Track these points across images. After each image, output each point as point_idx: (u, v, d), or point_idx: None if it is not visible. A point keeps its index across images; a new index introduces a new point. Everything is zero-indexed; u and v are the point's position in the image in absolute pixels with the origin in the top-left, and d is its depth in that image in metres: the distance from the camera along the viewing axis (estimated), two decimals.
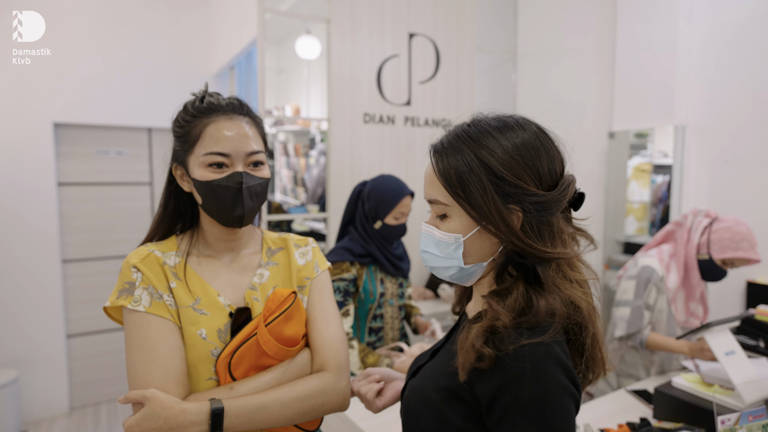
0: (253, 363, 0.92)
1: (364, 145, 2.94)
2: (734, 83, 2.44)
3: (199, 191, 0.95)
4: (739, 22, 2.41)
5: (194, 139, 0.94)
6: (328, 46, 2.82)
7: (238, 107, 0.98)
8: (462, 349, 0.70)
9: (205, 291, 0.95)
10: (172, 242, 1.01)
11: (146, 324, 0.89)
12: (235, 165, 0.94)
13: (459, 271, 0.76)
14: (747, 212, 2.31)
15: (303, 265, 1.07)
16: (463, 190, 0.72)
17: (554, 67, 3.35)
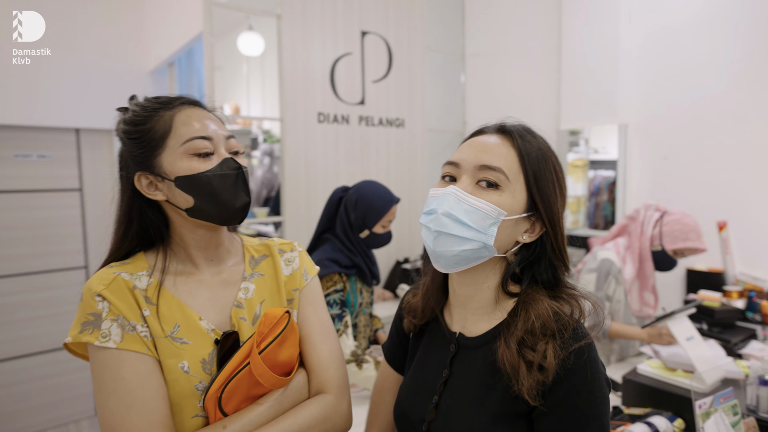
0: (245, 395, 0.81)
1: (319, 146, 2.85)
2: (670, 84, 2.62)
3: (187, 189, 0.81)
4: (674, 26, 2.58)
5: (162, 134, 0.82)
6: (278, 43, 2.71)
7: (196, 101, 0.89)
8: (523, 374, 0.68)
9: (184, 315, 0.83)
10: (141, 261, 0.86)
11: (119, 362, 0.76)
12: (218, 151, 0.84)
13: (476, 250, 0.72)
14: (683, 205, 2.48)
15: (290, 276, 0.95)
16: (538, 176, 0.74)
17: (502, 67, 3.43)
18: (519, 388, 0.67)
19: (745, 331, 2.13)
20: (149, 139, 0.83)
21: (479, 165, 0.73)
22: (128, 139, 0.84)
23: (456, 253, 0.72)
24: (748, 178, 2.37)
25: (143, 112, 0.84)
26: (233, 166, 0.83)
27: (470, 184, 0.73)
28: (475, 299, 0.78)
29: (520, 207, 0.73)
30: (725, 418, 1.24)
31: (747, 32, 2.34)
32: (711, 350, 1.78)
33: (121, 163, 0.87)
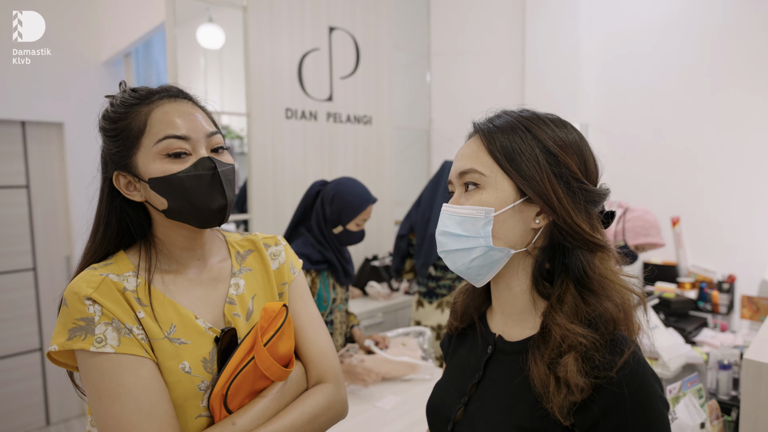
0: (249, 390, 0.81)
1: (286, 142, 2.81)
2: (627, 86, 2.75)
3: (161, 191, 0.77)
4: (631, 32, 2.71)
5: (138, 131, 0.78)
6: (244, 36, 2.64)
7: (179, 91, 0.83)
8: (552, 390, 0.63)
9: (179, 315, 0.80)
10: (124, 260, 0.82)
11: (119, 367, 0.72)
12: (197, 150, 0.79)
13: (484, 255, 0.69)
14: (640, 202, 2.61)
15: (277, 269, 0.96)
16: (512, 158, 0.69)
17: (467, 66, 3.49)
18: (550, 406, 0.63)
19: (697, 320, 2.27)
20: (124, 137, 0.78)
21: (458, 174, 0.73)
22: (105, 137, 0.81)
23: (468, 265, 0.71)
24: (699, 176, 2.52)
25: (120, 108, 0.79)
26: (208, 166, 0.78)
27: (459, 194, 0.73)
28: (512, 304, 0.75)
29: (510, 196, 0.69)
30: (694, 400, 1.32)
31: (697, 39, 2.49)
32: (672, 338, 1.89)
33: (102, 159, 0.83)
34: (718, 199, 2.46)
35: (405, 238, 2.57)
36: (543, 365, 0.65)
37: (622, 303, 0.67)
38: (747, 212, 2.37)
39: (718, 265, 2.47)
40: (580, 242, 0.68)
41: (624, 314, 0.66)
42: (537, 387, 0.65)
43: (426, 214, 2.46)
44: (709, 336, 2.12)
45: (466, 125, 0.80)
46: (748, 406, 1.25)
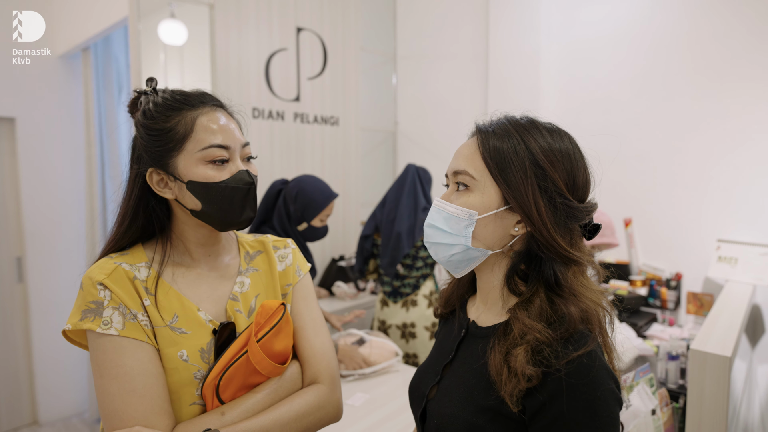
0: (242, 383, 0.84)
1: (253, 142, 2.78)
2: (583, 93, 2.88)
3: (198, 194, 0.83)
4: (587, 42, 2.84)
5: (182, 136, 0.83)
6: (211, 34, 2.61)
7: (216, 99, 0.90)
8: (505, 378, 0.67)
9: (182, 306, 0.85)
10: (140, 253, 0.88)
11: (121, 349, 0.77)
12: (234, 159, 0.86)
13: (462, 252, 0.75)
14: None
15: (283, 271, 0.99)
16: (502, 167, 0.72)
17: (432, 70, 3.56)
18: (502, 393, 0.67)
19: (647, 315, 2.41)
20: (168, 139, 0.83)
21: (453, 171, 0.77)
22: (146, 134, 0.84)
23: (449, 259, 0.77)
24: (650, 180, 2.67)
25: (165, 109, 0.84)
26: (246, 180, 0.85)
27: (452, 191, 0.77)
28: (489, 294, 0.80)
29: (494, 202, 0.72)
30: (647, 388, 1.41)
31: (648, 49, 2.64)
32: (625, 332, 2.01)
33: (135, 153, 0.87)
34: (666, 201, 2.62)
35: (369, 238, 2.60)
36: (500, 355, 0.70)
37: (587, 311, 0.70)
38: (693, 214, 2.54)
39: (667, 263, 2.62)
40: (555, 255, 0.72)
41: (586, 322, 0.70)
42: (492, 374, 0.70)
43: (391, 213, 2.51)
44: (658, 330, 2.26)
45: (431, 128, 0.84)
46: (694, 393, 1.35)
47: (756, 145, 2.34)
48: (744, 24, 2.35)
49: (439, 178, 2.90)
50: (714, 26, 2.43)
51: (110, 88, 3.10)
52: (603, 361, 0.68)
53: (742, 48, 2.36)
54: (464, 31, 3.34)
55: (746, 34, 2.34)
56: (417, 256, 2.46)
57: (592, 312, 0.70)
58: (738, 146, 2.39)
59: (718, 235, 2.44)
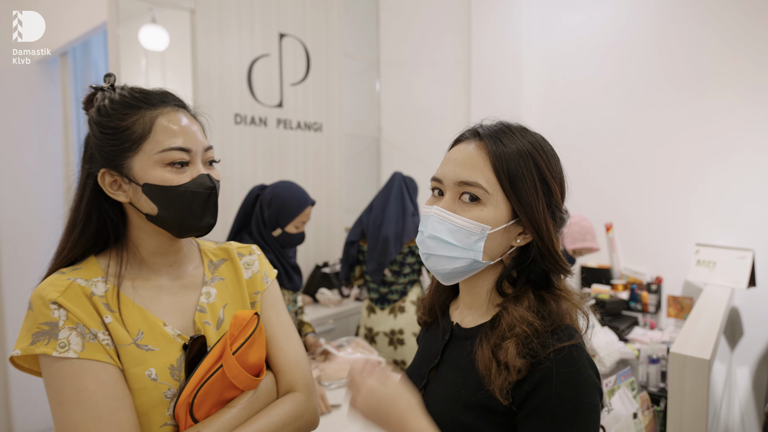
0: (217, 399, 0.81)
1: (235, 148, 2.76)
2: (564, 100, 2.92)
3: (155, 198, 0.78)
4: (567, 48, 2.88)
5: (140, 135, 0.77)
6: (192, 39, 2.59)
7: (179, 100, 0.85)
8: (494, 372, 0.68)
9: (147, 322, 0.80)
10: (94, 265, 0.81)
11: (82, 373, 0.71)
12: (195, 163, 0.81)
13: (468, 265, 0.73)
14: (577, 209, 2.77)
15: (250, 278, 0.96)
16: (514, 181, 0.71)
17: (415, 77, 3.58)
18: (492, 388, 0.68)
19: (629, 319, 2.44)
20: (124, 138, 0.77)
21: (458, 181, 0.73)
22: (100, 132, 0.78)
23: (448, 271, 0.75)
24: (629, 185, 2.71)
25: (122, 107, 0.78)
26: (207, 185, 0.80)
27: (453, 200, 0.74)
28: (475, 299, 0.80)
29: (505, 216, 0.72)
30: (627, 392, 1.42)
31: (628, 57, 2.69)
32: (607, 336, 2.02)
33: (87, 153, 0.81)
34: (646, 206, 2.66)
35: (355, 244, 2.59)
36: (488, 350, 0.71)
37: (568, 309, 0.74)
38: (672, 218, 2.58)
39: (647, 267, 2.66)
40: (554, 266, 0.74)
41: (571, 319, 0.73)
42: (481, 369, 0.70)
43: (378, 218, 2.50)
44: (639, 334, 2.28)
45: (414, 134, 0.82)
46: (674, 395, 1.37)
47: (733, 150, 2.39)
48: (717, 32, 2.40)
49: (423, 184, 2.90)
50: (688, 34, 2.49)
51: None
52: (588, 356, 0.70)
53: (717, 55, 2.41)
54: (447, 37, 3.37)
55: (722, 42, 2.40)
56: (404, 262, 2.46)
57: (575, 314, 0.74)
58: (716, 151, 2.44)
59: (697, 239, 2.48)
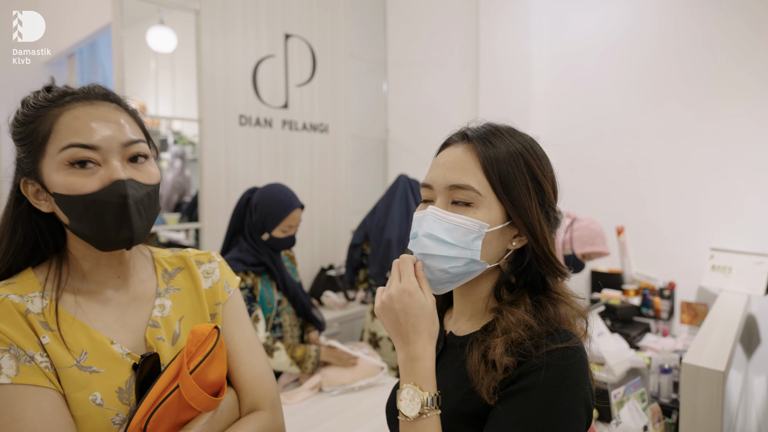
0: (172, 422, 0.74)
1: (240, 149, 2.74)
2: (574, 101, 2.85)
3: (64, 208, 0.71)
4: (578, 51, 2.82)
5: (44, 137, 0.70)
6: (197, 40, 2.57)
7: (102, 92, 0.75)
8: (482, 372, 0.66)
9: (91, 340, 0.73)
10: (31, 279, 0.74)
11: (15, 400, 0.64)
12: (108, 162, 0.71)
13: (465, 266, 0.71)
14: (587, 212, 2.71)
15: (210, 288, 0.88)
16: (506, 183, 0.70)
17: (423, 77, 3.53)
18: (479, 389, 0.67)
19: (641, 326, 2.37)
20: (30, 141, 0.71)
21: (449, 185, 0.72)
22: (14, 140, 0.74)
23: (445, 272, 0.72)
24: (642, 188, 2.64)
25: (30, 110, 0.72)
26: (118, 193, 0.70)
27: (445, 204, 0.72)
28: (471, 307, 0.78)
29: (499, 217, 0.71)
30: (637, 404, 1.37)
31: (638, 57, 2.62)
32: (617, 344, 1.96)
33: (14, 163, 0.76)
34: (659, 209, 2.59)
35: (358, 247, 2.56)
36: (478, 353, 0.69)
37: (567, 314, 0.72)
38: (685, 222, 2.50)
39: (660, 272, 2.58)
40: (550, 268, 0.73)
41: (570, 323, 0.71)
42: (470, 371, 0.69)
43: (381, 221, 2.46)
44: (651, 341, 2.21)
45: (422, 135, 0.79)
46: (687, 408, 1.31)
47: (750, 152, 2.31)
48: (733, 31, 2.33)
49: None
50: (703, 33, 2.41)
51: None
52: (583, 361, 0.66)
53: (732, 55, 2.33)
54: (455, 38, 3.32)
55: (736, 42, 2.32)
56: None
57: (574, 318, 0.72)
58: (732, 154, 2.36)
59: (712, 244, 2.41)
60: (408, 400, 0.66)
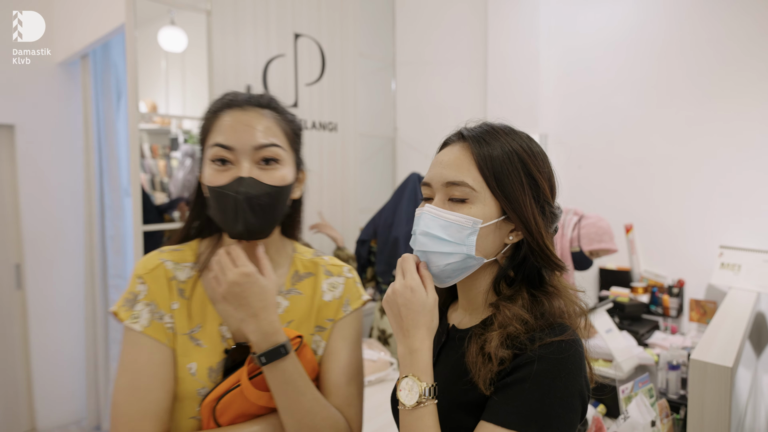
0: (242, 411, 0.80)
1: None
2: (583, 99, 2.86)
3: (209, 197, 0.83)
4: (587, 48, 2.82)
5: (206, 135, 0.84)
6: (208, 40, 2.61)
7: (258, 98, 0.86)
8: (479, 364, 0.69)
9: (207, 316, 0.83)
10: (193, 250, 0.88)
11: (139, 346, 0.78)
12: (240, 162, 0.79)
13: (462, 261, 0.74)
14: (596, 209, 2.71)
15: (328, 302, 0.91)
16: (500, 178, 0.72)
17: (431, 76, 3.55)
18: (476, 380, 0.69)
19: (649, 323, 2.37)
20: (202, 138, 0.85)
21: (445, 182, 0.74)
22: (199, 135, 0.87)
23: (443, 268, 0.75)
24: (650, 186, 2.64)
25: (207, 113, 0.85)
26: (235, 189, 0.78)
27: (443, 201, 0.75)
28: (472, 301, 0.81)
29: (494, 212, 0.73)
30: (645, 399, 1.38)
31: (647, 55, 2.62)
32: (625, 341, 1.97)
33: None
34: (668, 207, 2.59)
35: (366, 243, 2.57)
36: (477, 346, 0.71)
37: (566, 308, 0.75)
38: (694, 220, 2.50)
39: (669, 270, 2.58)
40: (546, 262, 0.75)
41: (567, 317, 0.73)
42: (469, 363, 0.71)
43: (389, 219, 2.48)
44: (660, 338, 2.22)
45: (430, 134, 0.81)
46: (694, 404, 1.32)
47: (759, 149, 2.30)
48: (743, 28, 2.32)
49: None
50: (711, 29, 2.41)
51: (109, 95, 3.10)
52: (581, 353, 0.69)
53: (741, 51, 2.33)
54: (463, 36, 3.33)
55: (746, 39, 2.31)
56: None
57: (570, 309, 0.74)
58: (741, 151, 2.35)
59: (721, 242, 2.40)
60: (407, 390, 0.69)
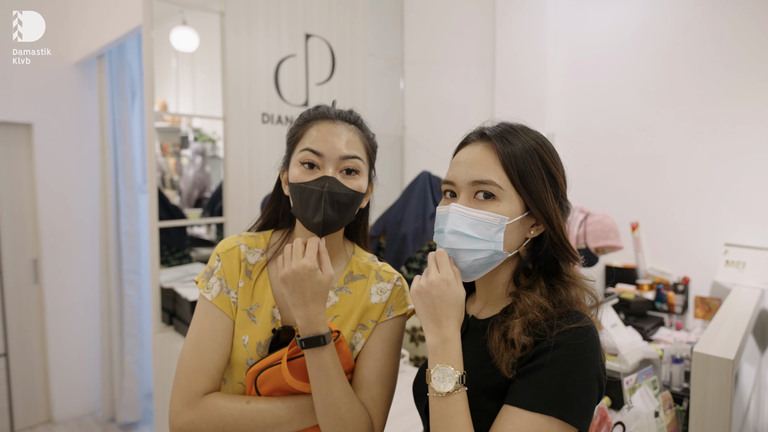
0: (279, 386, 0.89)
1: (263, 147, 2.83)
2: (590, 98, 2.89)
3: (291, 193, 0.93)
4: (594, 48, 2.86)
5: (296, 141, 0.94)
6: (222, 41, 2.67)
7: (347, 114, 0.96)
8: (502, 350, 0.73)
9: (264, 298, 0.95)
10: (266, 238, 1.02)
11: (207, 312, 0.92)
12: (326, 167, 0.90)
13: (489, 257, 0.78)
14: (602, 207, 2.75)
15: (374, 305, 0.98)
16: (523, 176, 0.77)
17: (439, 75, 3.59)
18: (499, 364, 0.73)
19: (655, 319, 2.41)
20: (292, 143, 0.95)
21: (471, 181, 0.78)
22: (286, 142, 0.98)
23: (470, 264, 0.79)
24: (656, 184, 2.67)
25: (300, 120, 0.96)
26: (321, 184, 0.87)
27: (468, 199, 0.79)
28: (492, 292, 0.85)
29: (519, 209, 0.78)
30: (649, 390, 1.42)
31: (653, 55, 2.65)
32: (630, 336, 2.01)
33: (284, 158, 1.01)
34: (673, 205, 2.62)
35: (375, 239, 2.62)
36: (499, 333, 0.76)
37: (578, 295, 0.78)
38: (699, 218, 2.53)
39: (674, 267, 2.62)
40: (564, 254, 0.80)
41: (581, 305, 0.77)
42: (491, 349, 0.75)
43: (398, 215, 2.53)
44: (665, 334, 2.25)
45: (438, 132, 0.86)
46: (697, 395, 1.36)
47: (764, 148, 2.33)
48: (749, 27, 2.35)
49: None
50: (718, 28, 2.44)
51: (124, 95, 3.17)
52: (597, 338, 0.73)
53: (748, 51, 2.35)
54: (471, 35, 3.37)
55: (753, 38, 2.34)
56: (424, 260, 2.48)
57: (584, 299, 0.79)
58: (746, 149, 2.38)
59: (726, 239, 2.44)
60: (440, 378, 0.73)
